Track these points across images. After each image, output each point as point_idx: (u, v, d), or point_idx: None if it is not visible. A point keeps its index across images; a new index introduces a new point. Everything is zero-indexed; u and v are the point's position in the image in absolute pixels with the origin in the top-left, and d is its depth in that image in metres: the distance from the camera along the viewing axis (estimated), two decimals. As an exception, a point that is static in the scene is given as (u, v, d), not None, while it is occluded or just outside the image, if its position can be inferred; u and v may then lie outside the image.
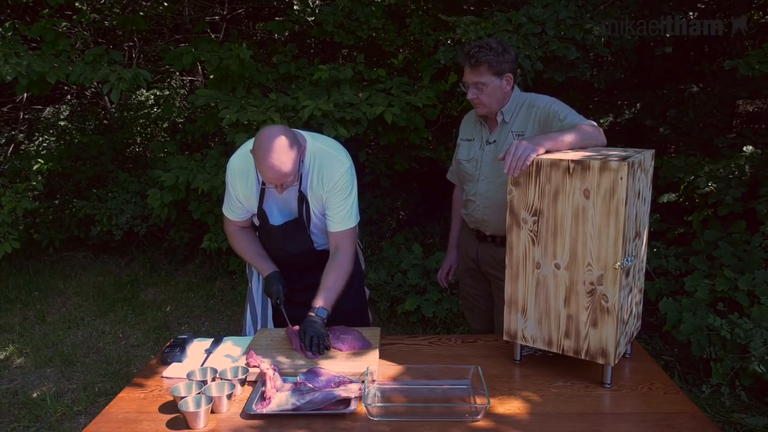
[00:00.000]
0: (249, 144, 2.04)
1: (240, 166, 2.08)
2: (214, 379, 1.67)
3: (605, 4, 3.90)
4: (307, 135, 2.06)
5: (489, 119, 2.20)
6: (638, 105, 5.14)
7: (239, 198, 2.11)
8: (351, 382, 1.62)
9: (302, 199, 2.03)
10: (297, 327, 1.96)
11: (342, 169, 2.02)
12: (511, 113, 2.13)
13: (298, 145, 1.90)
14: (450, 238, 2.59)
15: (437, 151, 4.81)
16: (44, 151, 6.27)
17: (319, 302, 1.94)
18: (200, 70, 6.55)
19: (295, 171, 1.87)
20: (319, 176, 2.02)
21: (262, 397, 1.57)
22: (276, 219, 2.10)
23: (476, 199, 2.22)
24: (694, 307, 3.20)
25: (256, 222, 2.20)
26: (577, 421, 1.49)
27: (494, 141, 2.16)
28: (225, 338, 2.02)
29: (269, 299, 2.19)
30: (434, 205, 5.49)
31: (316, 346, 1.81)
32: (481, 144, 2.21)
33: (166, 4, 6.02)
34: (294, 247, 2.14)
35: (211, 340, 1.99)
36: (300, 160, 1.92)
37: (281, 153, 1.81)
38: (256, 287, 2.24)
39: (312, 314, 1.90)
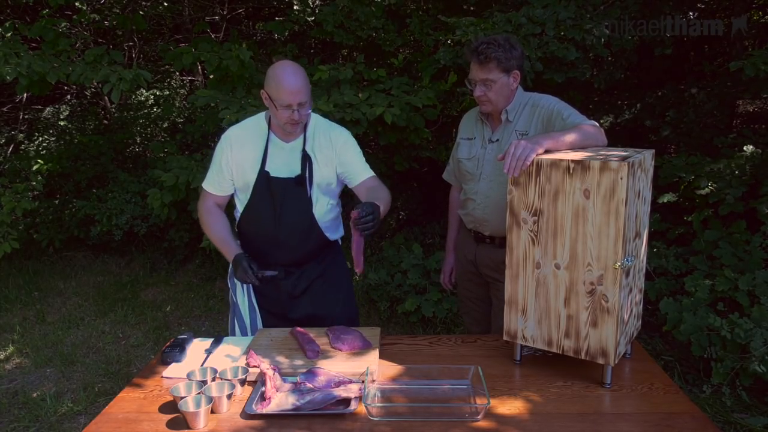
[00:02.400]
0: (249, 119, 2.18)
1: (239, 134, 2.14)
2: (214, 379, 1.66)
3: (605, 4, 3.90)
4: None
5: (492, 118, 2.20)
6: (638, 105, 5.14)
7: (231, 166, 2.11)
8: (351, 382, 1.62)
9: (306, 158, 2.07)
10: (298, 328, 1.96)
11: (346, 132, 2.17)
12: (515, 112, 2.13)
13: None
14: (448, 240, 2.58)
15: (437, 151, 4.81)
16: (44, 151, 6.27)
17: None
18: (200, 70, 6.55)
19: (308, 91, 1.97)
20: (327, 136, 2.11)
21: (262, 397, 1.57)
22: (278, 173, 2.08)
23: (477, 198, 2.21)
24: (694, 307, 3.20)
25: (240, 201, 2.17)
26: (577, 421, 1.49)
27: (497, 140, 2.16)
28: (225, 338, 2.02)
29: (257, 310, 2.18)
30: (434, 205, 5.49)
31: (367, 221, 1.72)
32: (483, 142, 2.20)
33: (166, 4, 6.02)
34: (293, 214, 2.08)
35: (211, 340, 1.99)
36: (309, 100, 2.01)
37: (298, 68, 1.97)
38: (241, 299, 2.20)
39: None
